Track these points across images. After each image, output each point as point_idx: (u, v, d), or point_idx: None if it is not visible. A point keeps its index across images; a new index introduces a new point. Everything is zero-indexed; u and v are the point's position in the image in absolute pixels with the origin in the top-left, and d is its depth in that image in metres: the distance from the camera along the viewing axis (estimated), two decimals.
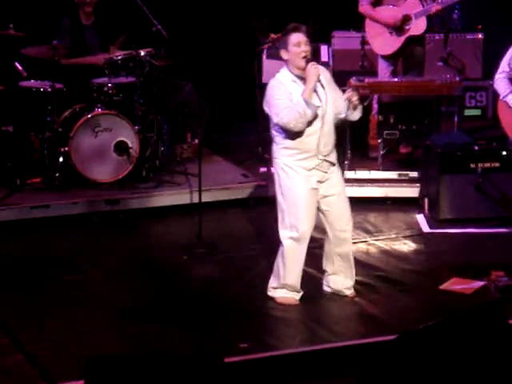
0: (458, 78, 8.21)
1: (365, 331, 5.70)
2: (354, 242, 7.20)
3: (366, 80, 8.32)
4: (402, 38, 8.40)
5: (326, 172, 5.98)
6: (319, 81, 5.87)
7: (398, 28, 8.36)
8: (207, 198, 7.71)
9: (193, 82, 8.83)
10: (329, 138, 5.95)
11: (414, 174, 8.13)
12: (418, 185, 8.02)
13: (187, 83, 8.89)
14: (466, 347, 4.60)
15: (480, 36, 9.12)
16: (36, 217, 7.60)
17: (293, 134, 5.87)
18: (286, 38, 5.89)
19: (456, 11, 9.22)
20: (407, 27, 8.34)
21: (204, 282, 6.56)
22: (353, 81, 8.25)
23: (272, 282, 6.17)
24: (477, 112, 9.08)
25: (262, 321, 5.94)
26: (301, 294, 6.13)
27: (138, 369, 4.29)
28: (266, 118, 6.18)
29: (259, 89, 8.54)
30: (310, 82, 5.79)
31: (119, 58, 8.29)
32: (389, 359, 4.55)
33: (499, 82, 7.37)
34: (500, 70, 7.38)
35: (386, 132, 8.41)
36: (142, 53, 8.27)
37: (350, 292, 6.20)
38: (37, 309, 6.09)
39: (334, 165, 6.03)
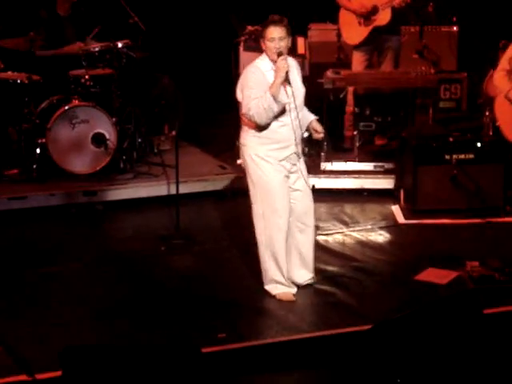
0: (433, 71, 8.27)
1: (340, 321, 5.74)
2: (330, 233, 7.28)
3: (342, 72, 8.37)
4: (369, 28, 8.48)
5: (294, 164, 5.99)
6: (287, 75, 5.78)
7: (365, 17, 8.44)
8: (184, 189, 7.73)
9: (170, 74, 8.84)
10: (298, 131, 5.96)
11: (390, 166, 8.19)
12: (393, 176, 8.08)
13: (164, 75, 8.90)
14: (441, 337, 4.65)
15: (455, 28, 9.18)
16: (13, 208, 7.59)
17: (266, 124, 5.86)
18: (263, 29, 5.89)
19: (431, 4, 9.27)
20: (374, 17, 8.43)
21: (181, 273, 6.58)
22: (329, 73, 8.30)
23: (264, 278, 6.12)
24: (451, 104, 9.14)
25: (239, 311, 5.98)
26: (295, 288, 6.10)
27: (116, 359, 4.31)
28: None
29: (236, 81, 8.56)
30: (277, 77, 5.76)
31: (96, 49, 8.28)
32: (364, 349, 4.60)
33: (500, 80, 7.43)
34: (499, 67, 7.44)
35: (361, 124, 8.46)
36: (120, 44, 8.28)
37: (308, 285, 6.19)
38: (13, 300, 6.09)
39: (300, 157, 6.04)
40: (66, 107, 8.03)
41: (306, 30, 9.15)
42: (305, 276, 6.16)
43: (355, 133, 8.44)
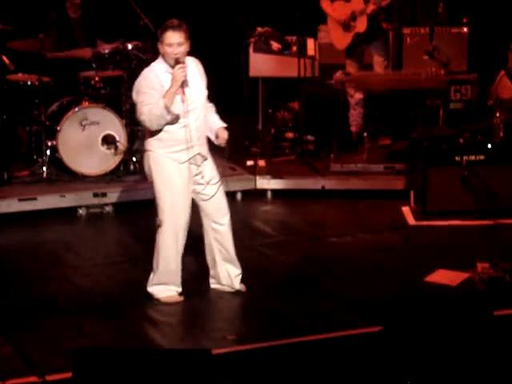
0: (443, 72, 8.26)
1: (351, 322, 5.73)
2: (340, 235, 7.26)
3: (352, 73, 8.38)
4: (351, 34, 8.54)
5: (199, 165, 5.93)
6: (184, 81, 5.71)
7: (346, 24, 8.50)
8: None
9: None
10: (200, 132, 5.89)
11: (400, 167, 8.18)
12: (403, 177, 8.06)
13: None
14: (452, 339, 4.64)
15: (465, 29, 9.16)
16: (24, 210, 7.61)
17: (159, 128, 5.78)
18: (161, 34, 5.77)
19: (441, 5, 9.26)
20: (353, 24, 8.48)
21: (192, 274, 6.58)
22: (338, 74, 8.31)
23: (152, 278, 6.07)
24: (462, 105, 9.11)
25: (251, 313, 5.96)
26: (180, 290, 6.04)
27: (126, 362, 4.32)
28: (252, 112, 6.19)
29: (246, 82, 8.60)
30: (172, 86, 5.69)
31: (106, 51, 8.30)
32: (375, 350, 4.59)
33: None
34: None
35: (371, 124, 8.46)
36: (130, 46, 8.29)
37: (240, 285, 6.14)
38: (24, 301, 6.10)
39: (206, 158, 5.97)
40: (76, 109, 8.05)
41: (316, 31, 9.15)
42: (232, 271, 6.12)
43: (365, 134, 8.45)
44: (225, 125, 6.04)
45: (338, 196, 8.06)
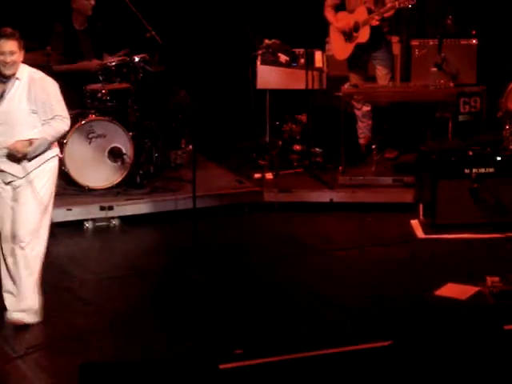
0: (452, 84, 8.23)
1: (369, 336, 5.66)
2: (348, 248, 7.22)
3: (360, 85, 8.35)
4: (353, 45, 8.52)
5: (6, 183, 5.72)
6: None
7: (348, 35, 8.48)
8: (201, 204, 7.69)
9: (187, 88, 8.83)
10: (2, 150, 5.67)
11: (409, 180, 8.14)
12: (412, 190, 8.02)
13: (181, 89, 8.89)
14: (462, 352, 4.60)
15: (474, 41, 9.12)
16: None
17: None
18: None
19: (450, 16, 9.23)
20: (356, 34, 8.46)
21: (198, 287, 6.54)
22: (346, 86, 8.29)
23: None
24: (471, 117, 9.08)
25: (258, 326, 5.93)
26: None
27: (133, 375, 4.28)
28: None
29: (254, 94, 8.59)
30: None
31: (113, 63, 8.29)
32: (385, 364, 4.55)
33: None
34: None
35: (379, 137, 8.44)
36: (136, 59, 8.28)
37: (24, 318, 5.80)
38: None
39: (19, 177, 5.71)
40: (83, 122, 8.03)
41: (324, 43, 9.14)
42: (13, 306, 5.80)
43: (373, 146, 8.41)
44: (30, 138, 5.68)
45: (346, 209, 8.01)
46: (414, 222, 7.75)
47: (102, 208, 7.80)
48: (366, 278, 6.63)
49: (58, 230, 7.58)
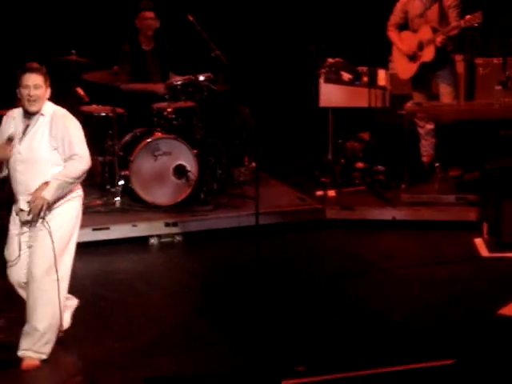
0: None
1: (432, 354, 5.63)
2: (412, 266, 7.18)
3: (424, 104, 8.34)
4: (417, 64, 8.48)
5: (22, 222, 5.60)
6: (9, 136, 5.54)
7: (412, 56, 8.45)
8: (264, 220, 7.73)
9: (250, 106, 8.91)
10: (29, 186, 5.56)
11: (472, 198, 8.08)
12: (476, 209, 7.96)
13: (245, 107, 8.97)
14: None
15: None
16: (98, 239, 7.71)
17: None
18: (19, 76, 5.54)
19: None
20: (420, 53, 8.43)
21: (261, 304, 6.58)
22: (410, 104, 8.28)
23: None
24: None
25: (320, 343, 5.95)
26: None
27: None
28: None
29: (317, 113, 8.63)
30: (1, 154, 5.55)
31: (179, 82, 8.41)
32: (447, 383, 4.53)
33: None
34: None
35: (442, 155, 8.42)
36: (201, 78, 8.39)
37: (25, 360, 5.57)
38: (96, 329, 6.16)
39: (34, 218, 5.54)
40: (149, 140, 8.16)
41: (387, 61, 9.15)
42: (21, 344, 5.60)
43: (436, 164, 8.39)
44: (48, 181, 5.53)
45: (408, 227, 7.99)
46: (478, 241, 7.69)
47: (167, 224, 7.90)
48: (429, 296, 6.60)
49: (123, 246, 7.74)
